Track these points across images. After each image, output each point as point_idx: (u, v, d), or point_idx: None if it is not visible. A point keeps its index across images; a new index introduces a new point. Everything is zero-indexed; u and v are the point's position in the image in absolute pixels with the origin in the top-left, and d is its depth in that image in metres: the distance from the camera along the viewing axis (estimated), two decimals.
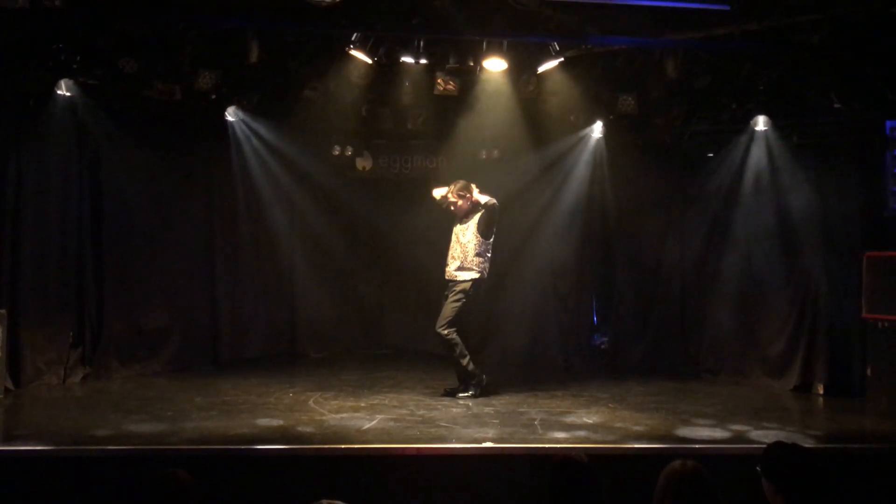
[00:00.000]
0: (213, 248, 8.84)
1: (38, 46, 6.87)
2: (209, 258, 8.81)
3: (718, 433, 5.85)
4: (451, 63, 7.56)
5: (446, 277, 7.18)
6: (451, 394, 7.04)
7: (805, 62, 7.22)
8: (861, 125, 7.56)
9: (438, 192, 7.29)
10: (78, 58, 7.04)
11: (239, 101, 8.42)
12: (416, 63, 7.55)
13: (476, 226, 7.10)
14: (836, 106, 7.38)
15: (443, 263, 7.26)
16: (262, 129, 8.79)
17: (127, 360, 7.86)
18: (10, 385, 6.84)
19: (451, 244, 7.21)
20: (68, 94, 7.26)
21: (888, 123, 7.28)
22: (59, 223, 7.48)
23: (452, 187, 7.15)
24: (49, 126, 7.29)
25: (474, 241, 7.08)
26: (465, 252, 7.08)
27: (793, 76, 7.46)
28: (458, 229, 7.21)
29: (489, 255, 7.15)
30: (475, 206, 7.12)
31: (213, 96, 7.90)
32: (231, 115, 8.56)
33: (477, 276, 7.07)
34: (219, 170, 8.84)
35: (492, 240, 7.16)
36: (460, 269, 7.10)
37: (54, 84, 7.15)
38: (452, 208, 7.19)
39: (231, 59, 7.49)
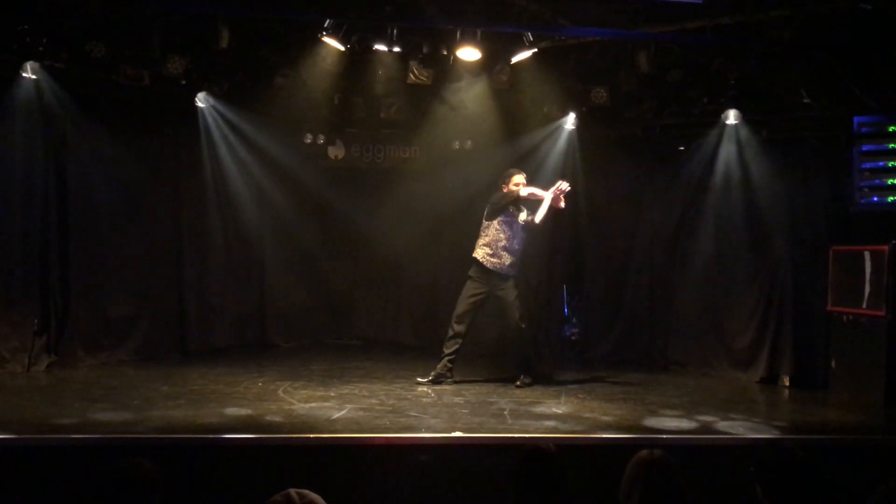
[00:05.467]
0: (182, 236, 8.72)
1: (2, 28, 6.73)
2: (177, 246, 8.69)
3: (685, 424, 5.92)
4: (425, 52, 7.53)
5: (496, 267, 7.13)
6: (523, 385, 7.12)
7: (776, 57, 7.30)
8: (829, 121, 7.65)
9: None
10: (44, 40, 6.91)
11: (209, 87, 8.29)
12: (390, 51, 7.51)
13: (525, 225, 7.17)
14: (806, 101, 7.48)
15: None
16: (232, 116, 8.67)
17: (92, 349, 7.75)
18: None
19: (508, 234, 7.14)
20: (34, 77, 7.10)
21: (856, 119, 7.38)
22: (23, 209, 7.34)
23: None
24: (13, 110, 7.13)
25: (522, 237, 7.18)
26: (519, 247, 7.17)
27: (763, 71, 7.54)
28: (517, 225, 7.16)
29: None
30: (517, 200, 7.14)
31: (183, 82, 7.80)
32: (201, 101, 8.44)
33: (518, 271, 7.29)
34: (188, 157, 8.71)
35: None
36: (514, 264, 7.18)
37: (19, 67, 7.00)
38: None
39: (201, 44, 7.40)
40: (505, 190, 7.15)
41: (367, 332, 10.06)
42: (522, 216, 7.19)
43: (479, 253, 7.18)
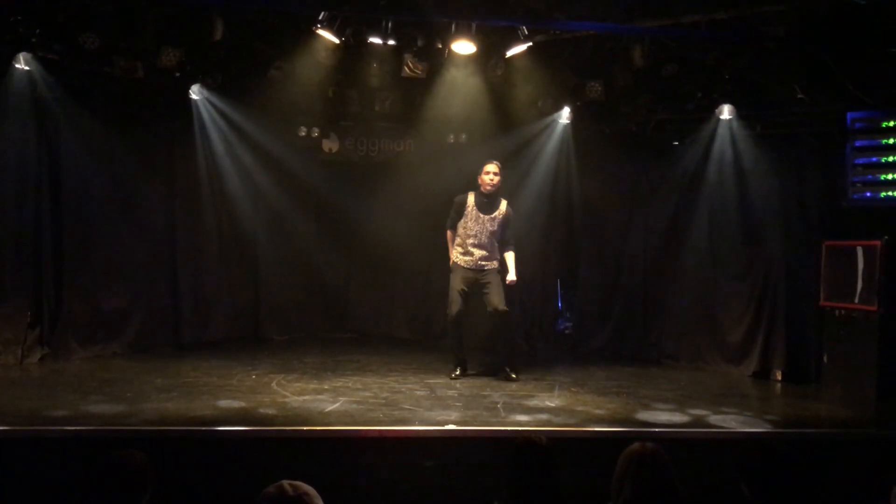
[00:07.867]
0: (176, 229, 8.70)
1: None
2: (171, 238, 8.67)
3: (678, 417, 5.95)
4: (419, 45, 7.51)
5: (469, 265, 7.18)
6: (508, 379, 7.16)
7: (770, 53, 7.31)
8: (823, 116, 7.67)
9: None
10: (37, 31, 6.87)
11: (203, 79, 8.26)
12: (384, 44, 7.49)
13: (500, 226, 7.20)
14: (800, 97, 7.48)
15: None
16: (226, 109, 8.65)
17: (86, 341, 7.73)
18: None
19: (475, 230, 7.18)
20: (26, 68, 7.07)
21: (849, 115, 7.40)
22: (16, 201, 7.32)
23: (497, 164, 7.21)
24: (5, 101, 7.11)
25: (491, 230, 7.18)
26: (493, 244, 7.20)
27: (758, 66, 7.54)
28: (484, 217, 7.19)
29: None
30: (499, 196, 7.24)
31: (177, 74, 7.76)
32: (195, 93, 8.41)
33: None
34: (182, 149, 8.69)
35: None
36: (488, 259, 7.18)
37: (12, 58, 6.97)
38: (492, 187, 7.18)
39: (195, 36, 7.35)
40: (479, 181, 7.23)
41: (361, 325, 10.06)
42: (496, 217, 7.20)
43: (454, 254, 7.31)
